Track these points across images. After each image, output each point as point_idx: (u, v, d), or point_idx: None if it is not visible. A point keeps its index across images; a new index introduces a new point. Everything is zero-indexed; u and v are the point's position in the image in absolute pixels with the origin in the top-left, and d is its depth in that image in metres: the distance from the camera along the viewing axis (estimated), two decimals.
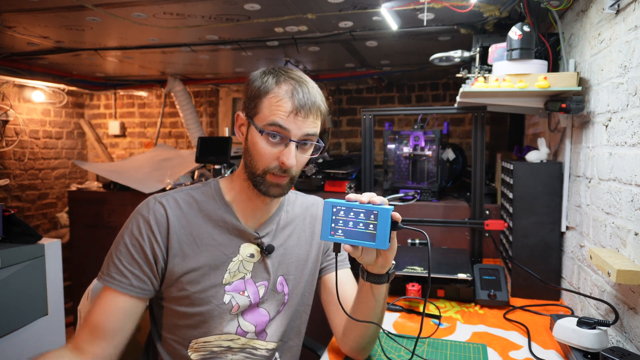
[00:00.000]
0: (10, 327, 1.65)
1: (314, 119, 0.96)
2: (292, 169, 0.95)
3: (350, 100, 3.86)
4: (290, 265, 1.08)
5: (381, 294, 0.98)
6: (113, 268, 0.95)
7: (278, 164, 0.94)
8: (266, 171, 0.95)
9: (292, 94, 0.93)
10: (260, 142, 0.94)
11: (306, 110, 0.93)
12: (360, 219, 0.86)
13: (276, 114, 0.92)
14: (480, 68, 1.63)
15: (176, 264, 0.96)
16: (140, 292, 0.95)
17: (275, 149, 0.94)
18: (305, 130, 0.94)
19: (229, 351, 1.01)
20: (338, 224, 0.87)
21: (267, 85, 0.94)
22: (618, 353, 0.88)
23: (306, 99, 0.94)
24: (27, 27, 2.10)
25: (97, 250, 2.83)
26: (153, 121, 4.27)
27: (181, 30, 2.12)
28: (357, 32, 2.14)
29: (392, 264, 0.97)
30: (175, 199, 1.00)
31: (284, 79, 0.95)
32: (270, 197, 0.98)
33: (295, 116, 0.92)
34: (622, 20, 1.06)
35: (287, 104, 0.92)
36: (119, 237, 0.97)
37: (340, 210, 0.87)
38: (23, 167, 3.65)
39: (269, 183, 0.96)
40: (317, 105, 0.96)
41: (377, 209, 0.85)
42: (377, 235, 0.85)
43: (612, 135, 1.11)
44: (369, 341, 1.06)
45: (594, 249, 1.06)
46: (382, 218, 0.85)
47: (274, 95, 0.93)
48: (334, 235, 0.87)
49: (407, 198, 2.08)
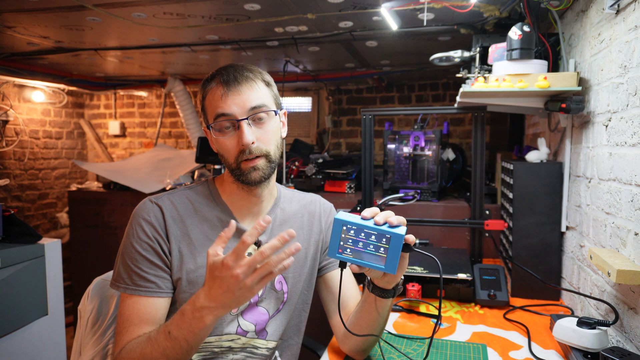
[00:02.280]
0: (10, 327, 1.65)
1: (249, 89, 0.95)
2: (253, 146, 0.94)
3: (350, 100, 3.86)
4: None
5: (385, 308, 0.98)
6: (136, 277, 0.94)
7: (239, 149, 0.94)
8: (237, 161, 0.95)
9: (219, 79, 0.95)
10: (219, 138, 0.96)
11: (236, 85, 0.94)
12: (371, 240, 0.83)
13: (215, 105, 0.94)
14: (480, 68, 1.63)
15: (175, 265, 0.97)
16: (168, 292, 0.96)
17: (232, 136, 0.95)
18: (247, 105, 0.94)
19: (230, 351, 1.01)
20: (347, 242, 0.84)
21: (204, 87, 0.98)
22: (618, 353, 0.88)
23: (232, 76, 0.94)
24: (27, 27, 2.10)
25: (97, 250, 2.84)
26: (153, 121, 4.27)
27: (181, 30, 2.12)
28: (357, 32, 2.14)
29: (400, 279, 0.96)
30: (170, 200, 1.00)
31: (213, 75, 0.97)
32: (254, 184, 0.98)
33: (227, 96, 0.93)
34: (622, 20, 1.06)
35: (218, 90, 0.94)
36: (127, 245, 0.96)
37: (351, 229, 0.84)
38: (23, 167, 3.65)
39: (246, 170, 0.96)
40: (247, 77, 0.95)
41: (390, 233, 0.82)
42: (387, 259, 0.82)
43: (612, 135, 1.11)
44: (369, 344, 1.06)
45: (594, 249, 1.06)
46: (394, 243, 0.82)
47: (210, 91, 0.96)
48: (342, 253, 0.84)
49: (407, 198, 2.08)
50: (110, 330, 1.12)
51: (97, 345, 1.10)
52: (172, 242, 0.97)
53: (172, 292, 0.97)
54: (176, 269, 0.96)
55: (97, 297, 1.14)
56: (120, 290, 0.95)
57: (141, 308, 0.93)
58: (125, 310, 0.94)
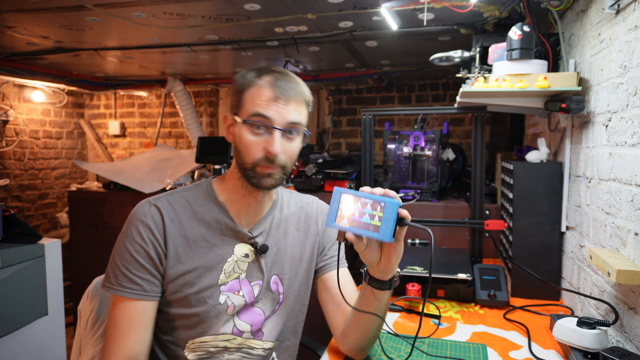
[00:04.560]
0: (10, 327, 1.65)
1: (296, 105, 0.95)
2: (278, 157, 0.94)
3: (350, 100, 3.86)
4: (284, 265, 1.08)
5: (383, 301, 0.97)
6: (122, 277, 0.94)
7: (265, 154, 0.94)
8: (255, 164, 0.95)
9: (272, 82, 0.94)
10: (245, 134, 0.95)
11: (287, 96, 0.94)
12: (366, 209, 0.84)
13: (257, 103, 0.93)
14: (480, 68, 1.63)
15: (172, 266, 0.96)
16: (154, 295, 0.96)
17: (261, 139, 0.94)
18: (289, 118, 0.94)
19: (226, 351, 1.01)
20: (344, 212, 0.86)
21: (249, 79, 0.96)
22: (618, 353, 0.88)
23: (287, 85, 0.94)
24: (27, 27, 2.10)
25: (97, 250, 2.84)
26: (153, 121, 4.27)
27: (181, 30, 2.12)
28: (357, 32, 2.14)
29: (396, 271, 0.96)
30: (168, 201, 1.00)
31: (266, 72, 0.96)
32: (262, 189, 0.98)
33: (275, 103, 0.93)
34: (622, 20, 1.06)
35: (268, 92, 0.93)
36: (120, 245, 0.96)
37: (349, 199, 0.86)
38: (23, 167, 3.65)
39: (260, 175, 0.95)
40: (298, 92, 0.96)
41: (385, 200, 0.84)
42: (381, 227, 0.83)
43: (612, 135, 1.11)
44: (368, 342, 1.06)
45: (594, 249, 1.06)
46: (388, 210, 0.83)
47: (255, 87, 0.95)
48: (339, 223, 0.86)
49: (407, 198, 2.08)
50: None
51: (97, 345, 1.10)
52: (170, 243, 0.96)
53: (160, 295, 0.97)
54: (172, 270, 0.96)
55: (97, 297, 1.14)
56: (105, 289, 0.95)
57: (132, 313, 0.93)
58: (115, 315, 0.94)
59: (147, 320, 0.95)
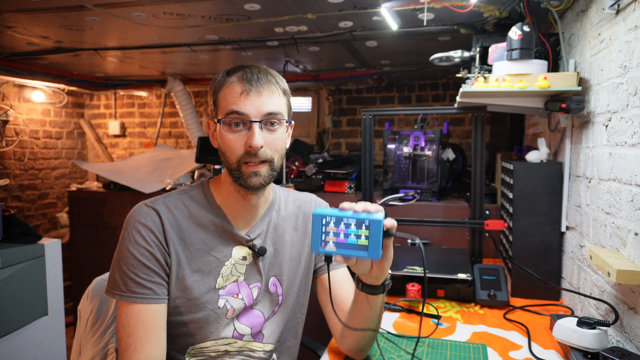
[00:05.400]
0: (10, 327, 1.65)
1: (269, 95, 0.94)
2: (262, 150, 0.93)
3: (350, 100, 3.86)
4: (282, 266, 1.07)
5: (377, 304, 0.97)
6: (132, 283, 0.91)
7: (245, 149, 0.92)
8: (239, 162, 0.94)
9: (241, 77, 0.94)
10: (225, 134, 0.94)
11: (257, 87, 0.93)
12: (351, 229, 0.83)
13: (230, 101, 0.93)
14: (480, 68, 1.63)
15: (173, 270, 0.95)
16: (165, 297, 0.94)
17: (241, 135, 0.93)
18: (264, 109, 0.93)
19: (227, 355, 1.00)
20: (329, 235, 0.84)
21: (220, 80, 0.96)
22: (618, 353, 0.88)
23: (256, 77, 0.93)
24: (27, 27, 2.10)
25: (97, 250, 2.84)
26: (153, 121, 4.27)
27: (181, 30, 2.12)
28: (357, 32, 2.14)
29: (388, 274, 0.95)
30: (165, 204, 0.98)
31: (235, 70, 0.96)
32: (252, 189, 0.96)
33: (247, 96, 0.92)
34: (622, 20, 1.06)
35: (238, 87, 0.93)
36: (123, 250, 0.93)
37: (330, 222, 0.83)
38: (23, 167, 3.65)
39: (246, 174, 0.94)
40: (271, 82, 0.95)
41: (368, 219, 0.82)
42: (369, 246, 0.82)
43: (612, 135, 1.11)
44: (366, 344, 1.06)
45: (594, 249, 1.06)
46: (373, 228, 0.81)
47: (226, 86, 0.95)
48: (325, 247, 0.84)
49: (407, 198, 2.08)
50: (110, 330, 1.12)
51: (97, 345, 1.10)
52: (171, 246, 0.95)
53: (168, 297, 0.96)
54: (174, 274, 0.95)
55: (97, 297, 1.14)
56: (116, 298, 0.92)
57: (145, 319, 0.90)
58: (128, 322, 0.90)
59: (162, 324, 0.93)
